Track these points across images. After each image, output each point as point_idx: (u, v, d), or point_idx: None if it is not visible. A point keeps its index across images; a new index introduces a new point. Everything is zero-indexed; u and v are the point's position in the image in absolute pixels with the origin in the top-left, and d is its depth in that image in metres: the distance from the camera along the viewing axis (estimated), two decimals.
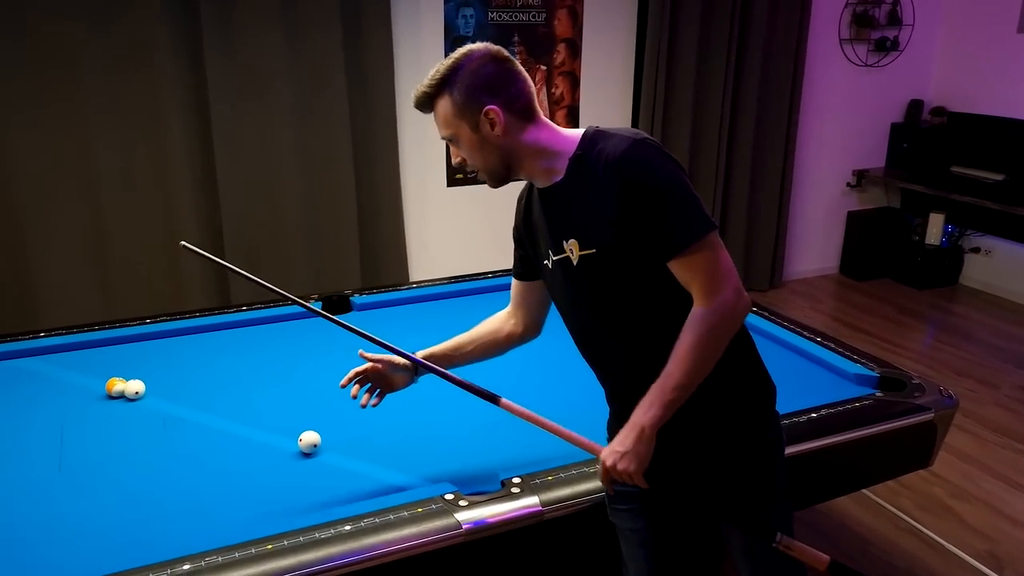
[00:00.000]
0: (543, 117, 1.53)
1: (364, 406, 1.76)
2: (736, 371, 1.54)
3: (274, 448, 1.95)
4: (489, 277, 3.10)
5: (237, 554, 1.50)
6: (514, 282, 1.78)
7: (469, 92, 1.46)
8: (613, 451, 1.46)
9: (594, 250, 1.48)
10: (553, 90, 4.40)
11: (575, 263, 1.52)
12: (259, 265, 3.86)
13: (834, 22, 5.03)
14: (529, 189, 1.64)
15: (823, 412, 2.02)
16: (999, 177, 4.85)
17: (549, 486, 1.71)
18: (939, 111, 5.33)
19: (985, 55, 5.14)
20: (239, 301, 3.62)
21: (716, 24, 4.55)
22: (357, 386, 1.76)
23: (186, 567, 1.46)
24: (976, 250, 5.33)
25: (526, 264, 1.72)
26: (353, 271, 4.07)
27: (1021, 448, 3.40)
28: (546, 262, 1.60)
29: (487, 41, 1.54)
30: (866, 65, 5.22)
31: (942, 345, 4.51)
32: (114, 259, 3.66)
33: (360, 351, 1.76)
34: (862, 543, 2.77)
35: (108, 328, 2.58)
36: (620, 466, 1.45)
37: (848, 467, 2.08)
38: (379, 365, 1.76)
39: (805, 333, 2.55)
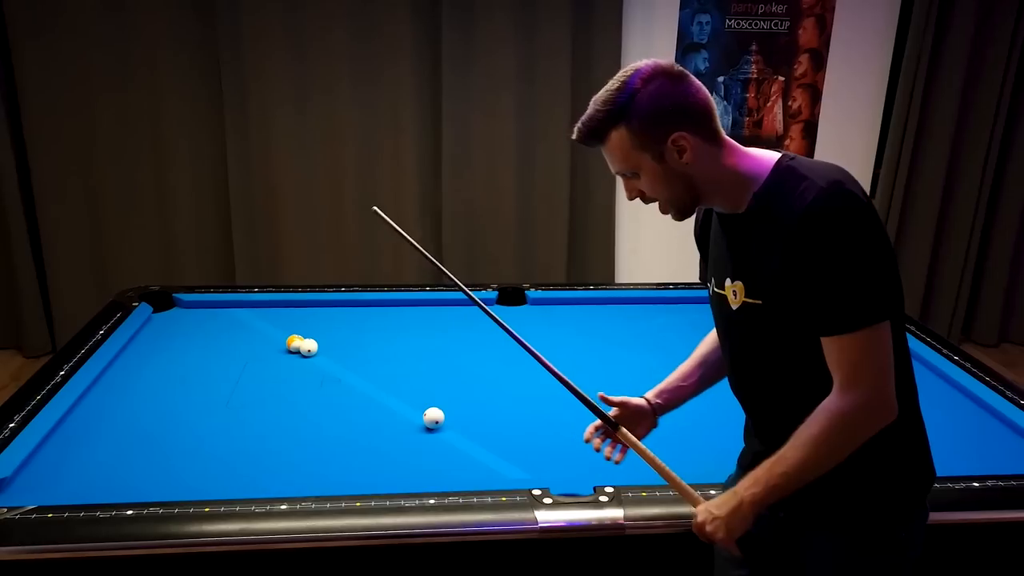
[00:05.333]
0: (727, 137, 1.37)
1: (609, 459, 1.63)
2: (890, 450, 1.35)
3: (404, 420, 2.08)
4: (669, 288, 3.03)
5: (328, 505, 1.63)
6: None
7: (651, 119, 1.29)
8: (708, 511, 1.38)
9: (760, 302, 1.35)
10: (790, 103, 4.16)
11: (735, 307, 1.40)
12: (471, 249, 4.08)
13: None
14: None
15: (989, 483, 1.75)
16: None
17: (639, 501, 1.66)
18: None
19: None
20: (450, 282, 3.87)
21: (997, 37, 4.00)
22: (599, 440, 1.64)
23: (283, 507, 1.62)
24: None
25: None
26: (559, 266, 4.16)
27: None
28: (708, 284, 1.51)
29: (721, 50, 1.46)
30: None
31: None
32: (348, 234, 4.06)
33: (600, 394, 1.65)
34: None
35: (307, 291, 2.89)
36: (709, 528, 1.37)
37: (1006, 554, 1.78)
38: (617, 410, 1.64)
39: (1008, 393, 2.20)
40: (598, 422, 1.61)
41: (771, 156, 1.35)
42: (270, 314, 2.74)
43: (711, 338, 1.66)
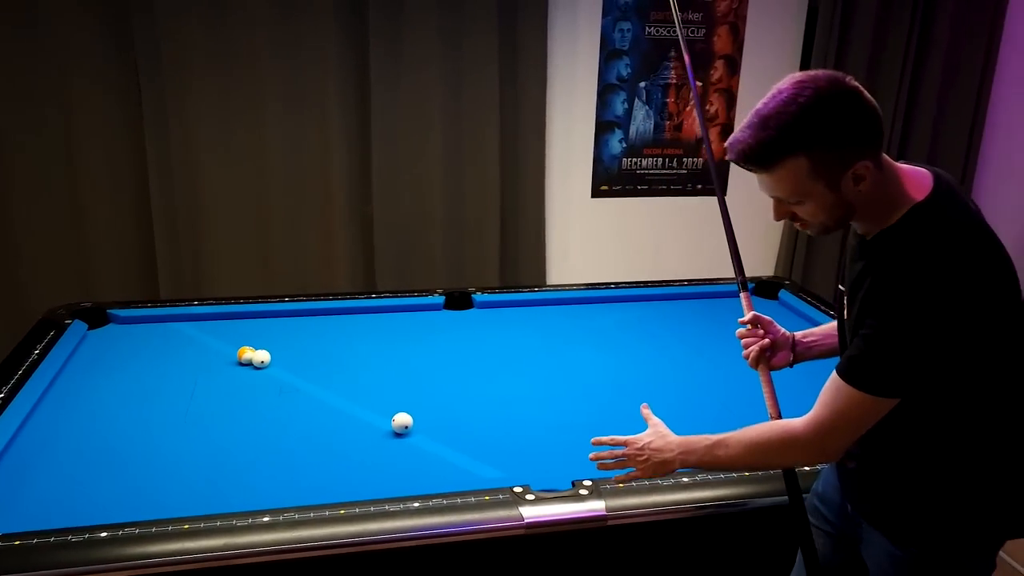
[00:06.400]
0: (885, 156, 1.28)
1: (747, 356, 1.65)
2: (976, 491, 1.33)
3: (370, 426, 2.07)
4: (612, 287, 3.11)
5: (312, 514, 1.62)
6: None
7: (834, 146, 1.19)
8: (648, 446, 1.50)
9: (850, 326, 1.34)
10: (708, 107, 4.33)
11: (845, 316, 1.40)
12: (404, 255, 4.07)
13: None
14: None
15: None
16: None
17: (618, 493, 1.71)
18: None
19: None
20: (383, 290, 3.86)
21: (890, 48, 4.28)
22: (747, 329, 1.67)
23: (265, 519, 1.60)
24: None
25: None
26: (492, 271, 4.19)
27: None
28: (837, 284, 1.50)
29: (642, 56, 1.43)
30: None
31: None
32: (275, 244, 3.98)
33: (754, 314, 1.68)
34: None
35: (251, 302, 2.83)
36: (640, 459, 1.51)
37: None
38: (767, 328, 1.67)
39: None
40: (754, 315, 1.68)
41: (917, 188, 1.26)
42: (214, 327, 2.68)
43: None
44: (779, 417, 1.55)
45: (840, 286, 1.45)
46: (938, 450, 1.33)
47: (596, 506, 1.68)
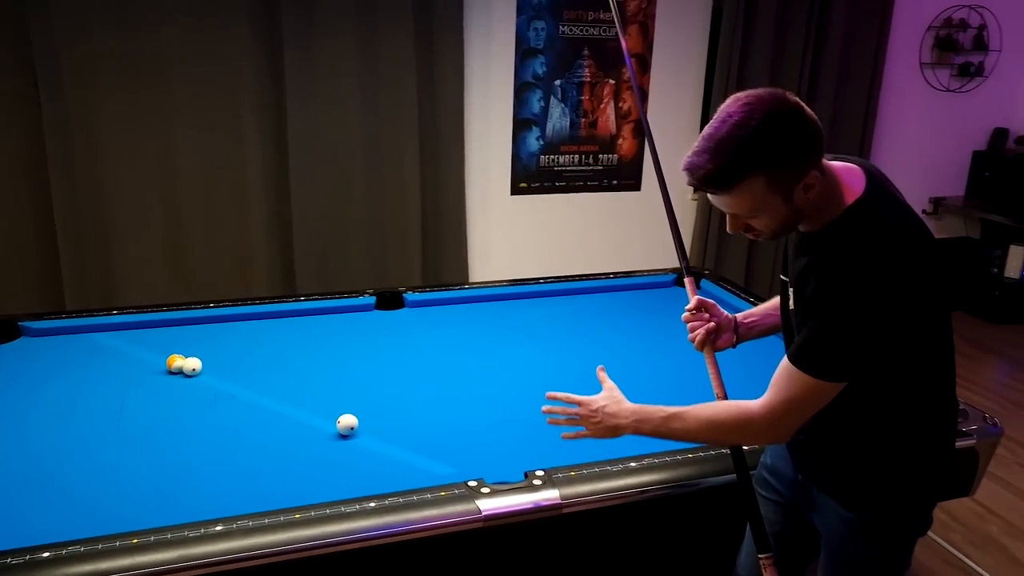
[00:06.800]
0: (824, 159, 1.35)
1: (693, 339, 1.70)
2: (920, 455, 1.46)
3: (314, 429, 2.04)
4: (539, 282, 3.15)
5: (267, 520, 1.59)
6: None
7: (787, 162, 1.25)
8: (604, 409, 1.54)
9: (797, 315, 1.44)
10: (621, 104, 4.43)
11: (791, 307, 1.48)
12: (324, 257, 4.02)
13: (915, 46, 4.92)
14: None
15: None
16: None
17: (571, 481, 1.75)
18: None
19: None
20: (303, 291, 3.80)
21: (790, 43, 4.50)
22: (691, 313, 1.72)
23: (218, 528, 1.56)
24: None
25: None
26: (414, 271, 4.18)
27: None
28: (781, 275, 1.57)
29: (556, 55, 1.45)
30: (948, 90, 5.08)
31: (1013, 382, 4.34)
32: (189, 248, 3.85)
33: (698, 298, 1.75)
34: None
35: (174, 310, 2.73)
36: (593, 420, 1.54)
37: None
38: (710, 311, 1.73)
39: None
40: (700, 300, 1.73)
41: (852, 186, 1.34)
42: (136, 336, 2.58)
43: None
44: (725, 397, 1.62)
45: (783, 276, 1.54)
46: (879, 424, 1.44)
47: (551, 495, 1.71)
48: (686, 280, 1.84)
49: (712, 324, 1.71)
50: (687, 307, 1.76)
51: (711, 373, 1.66)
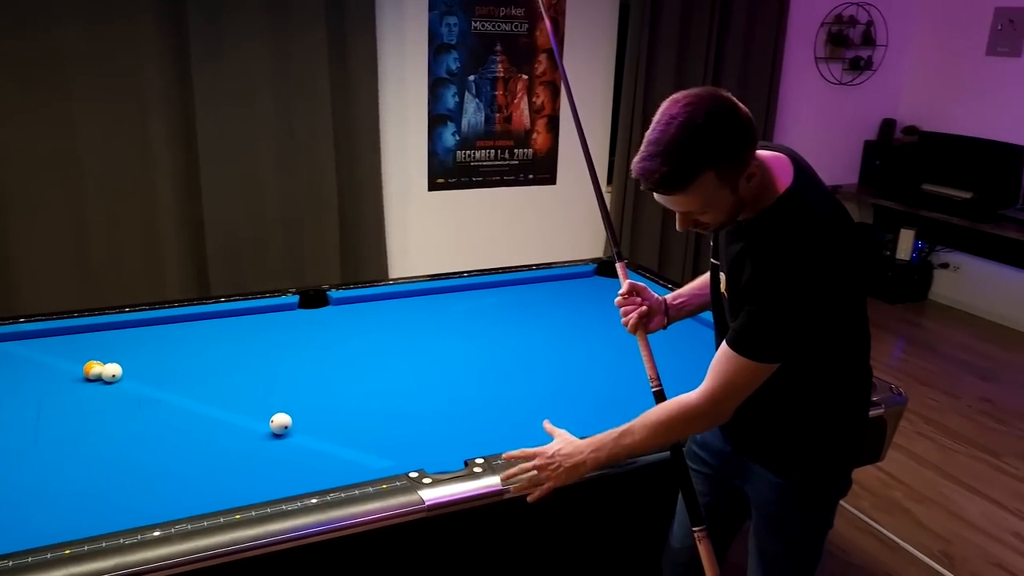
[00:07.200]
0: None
1: (626, 323, 1.75)
2: (839, 421, 1.57)
3: (246, 429, 2.01)
4: (463, 276, 3.17)
5: (206, 523, 1.56)
6: None
7: (732, 155, 1.31)
8: (557, 454, 1.59)
9: (728, 298, 1.53)
10: (534, 99, 4.49)
11: (723, 291, 1.55)
12: (240, 260, 3.93)
13: (810, 41, 5.17)
14: None
15: None
16: (967, 195, 4.98)
17: (510, 467, 1.77)
18: (911, 130, 5.47)
19: (955, 76, 5.29)
20: (218, 293, 3.70)
21: (695, 36, 4.65)
22: (624, 297, 1.76)
23: (156, 533, 1.52)
24: (945, 266, 5.46)
25: None
26: (333, 269, 4.13)
27: (978, 455, 3.50)
28: (711, 258, 1.63)
29: (469, 51, 1.48)
30: (840, 83, 5.35)
31: (909, 357, 4.62)
32: (96, 251, 3.70)
33: (629, 282, 1.79)
34: None
35: (87, 315, 2.63)
36: (549, 470, 1.60)
37: None
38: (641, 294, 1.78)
39: None
40: (633, 284, 1.76)
41: (782, 174, 1.41)
42: (45, 344, 2.46)
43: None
44: (657, 377, 1.69)
45: (713, 260, 1.62)
46: (805, 396, 1.54)
47: (492, 481, 1.73)
48: (618, 265, 1.91)
49: (644, 308, 1.78)
50: (620, 292, 1.81)
51: (644, 355, 1.73)
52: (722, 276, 1.55)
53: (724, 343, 1.47)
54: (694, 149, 1.30)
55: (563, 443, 1.64)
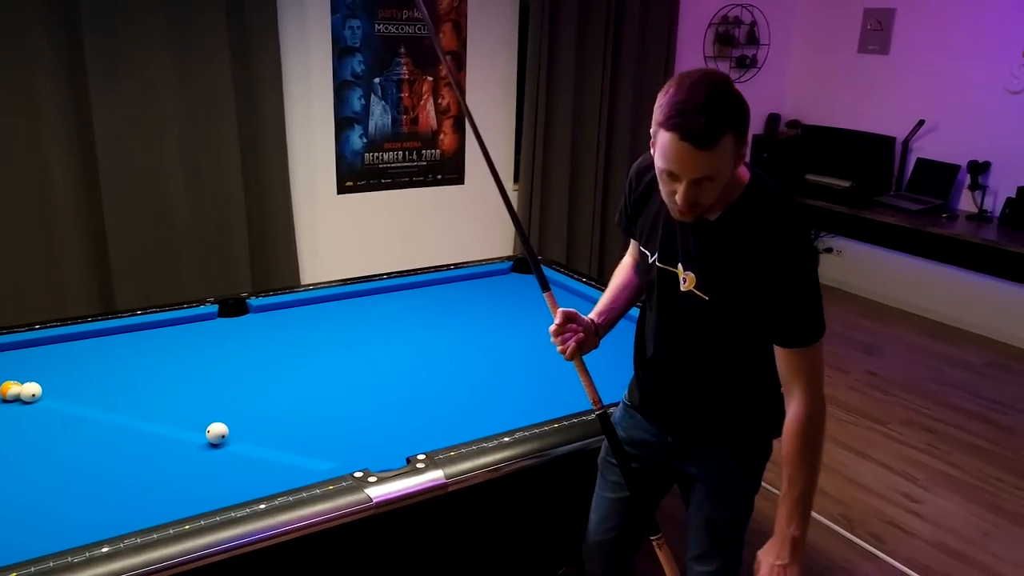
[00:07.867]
0: None
1: (564, 351, 1.73)
2: (768, 399, 1.70)
3: (182, 441, 2.00)
4: (383, 278, 3.21)
5: (156, 535, 1.56)
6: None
7: (744, 127, 1.41)
8: (774, 565, 1.59)
9: (707, 298, 1.56)
10: (440, 100, 4.55)
11: (683, 290, 1.60)
12: (147, 268, 3.83)
13: (699, 41, 5.42)
14: (651, 167, 1.57)
15: None
16: (846, 184, 5.34)
17: (452, 461, 1.84)
18: (794, 124, 5.81)
19: (832, 73, 5.66)
20: (125, 307, 3.59)
21: (592, 37, 4.81)
22: (559, 327, 1.74)
23: (105, 549, 1.52)
24: (829, 250, 5.83)
25: (629, 221, 1.76)
26: (244, 276, 4.08)
27: (868, 424, 3.79)
28: (647, 254, 1.67)
29: (373, 53, 1.45)
30: None
31: None
32: None
33: (562, 310, 1.77)
34: None
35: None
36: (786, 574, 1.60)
37: None
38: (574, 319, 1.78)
39: None
40: (567, 311, 1.76)
41: (739, 170, 1.50)
42: None
43: (624, 269, 1.91)
44: (599, 400, 1.73)
45: (661, 264, 1.65)
46: (752, 372, 1.68)
47: (436, 475, 1.80)
48: (545, 296, 1.81)
49: (581, 335, 1.77)
50: (555, 322, 1.76)
51: (584, 381, 1.74)
52: (687, 276, 1.59)
53: (785, 346, 1.53)
54: (723, 109, 1.38)
55: (775, 557, 1.59)
